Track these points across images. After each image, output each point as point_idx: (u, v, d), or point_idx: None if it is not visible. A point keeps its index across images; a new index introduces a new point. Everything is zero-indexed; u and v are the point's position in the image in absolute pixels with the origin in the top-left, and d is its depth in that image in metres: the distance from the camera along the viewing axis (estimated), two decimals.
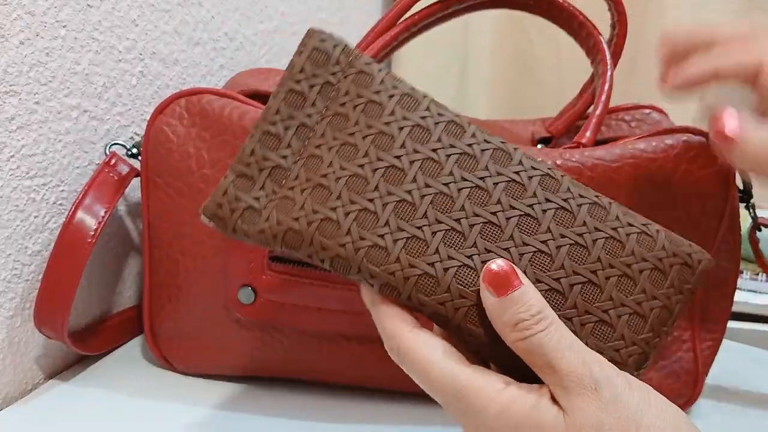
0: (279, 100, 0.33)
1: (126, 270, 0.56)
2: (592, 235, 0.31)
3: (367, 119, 0.32)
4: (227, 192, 0.32)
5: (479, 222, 0.30)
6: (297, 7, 0.80)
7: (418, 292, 0.29)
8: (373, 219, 0.30)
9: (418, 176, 0.31)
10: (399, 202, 0.30)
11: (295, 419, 0.45)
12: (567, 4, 0.53)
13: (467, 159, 0.31)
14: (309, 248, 0.30)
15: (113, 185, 0.47)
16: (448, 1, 0.53)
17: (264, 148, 0.32)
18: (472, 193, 0.31)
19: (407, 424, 0.45)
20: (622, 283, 0.30)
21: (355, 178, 0.31)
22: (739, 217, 0.46)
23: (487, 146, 0.32)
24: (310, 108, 0.33)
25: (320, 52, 0.33)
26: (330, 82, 0.33)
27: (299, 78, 0.33)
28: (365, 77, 0.33)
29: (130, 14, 0.52)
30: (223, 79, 0.65)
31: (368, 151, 0.31)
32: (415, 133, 0.32)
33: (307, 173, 0.32)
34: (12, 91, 0.42)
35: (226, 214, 0.32)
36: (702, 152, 0.44)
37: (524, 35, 1.06)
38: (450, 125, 0.32)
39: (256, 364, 0.48)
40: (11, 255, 0.44)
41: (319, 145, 0.32)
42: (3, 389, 0.45)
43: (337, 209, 0.30)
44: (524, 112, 1.07)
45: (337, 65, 0.33)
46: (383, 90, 0.32)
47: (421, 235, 0.30)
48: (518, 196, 0.31)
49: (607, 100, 0.49)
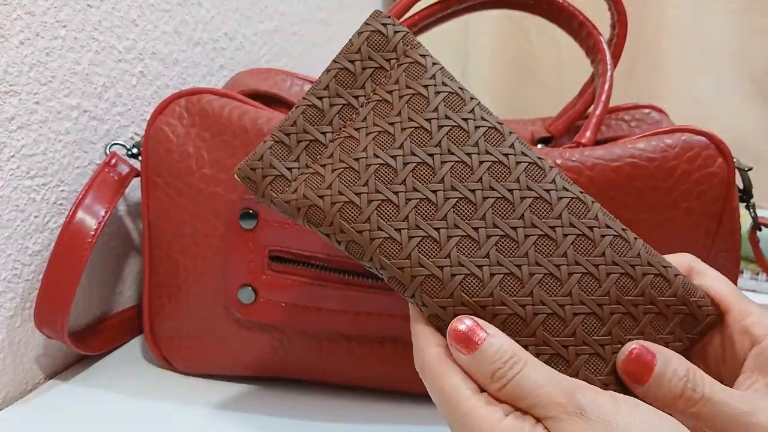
0: (330, 76, 0.33)
1: (126, 270, 0.56)
2: (608, 268, 0.30)
3: (410, 112, 0.32)
4: (263, 157, 0.32)
5: (497, 234, 0.30)
6: (297, 7, 0.80)
7: (422, 292, 0.30)
8: (394, 211, 0.30)
9: (446, 177, 0.31)
10: (422, 200, 0.31)
11: (295, 419, 0.45)
12: (567, 4, 0.53)
13: (500, 168, 0.31)
14: (328, 228, 0.31)
15: (113, 185, 0.47)
16: (447, 2, 0.53)
17: (306, 121, 0.33)
18: (496, 204, 0.31)
19: (407, 424, 0.45)
20: (624, 321, 0.30)
21: (385, 167, 0.31)
22: (739, 217, 0.46)
23: (523, 159, 0.32)
24: (359, 90, 0.33)
25: (380, 35, 0.34)
26: (383, 67, 0.33)
27: (354, 58, 0.33)
28: (418, 68, 0.33)
29: (130, 14, 0.52)
30: (223, 79, 0.65)
31: (404, 143, 0.31)
32: (454, 133, 0.32)
33: (342, 153, 0.32)
34: (12, 91, 0.42)
35: (258, 179, 0.32)
36: (701, 152, 0.44)
37: (524, 35, 1.06)
38: (490, 131, 0.32)
39: (256, 364, 0.48)
40: (11, 255, 0.44)
41: (359, 128, 0.32)
42: (3, 389, 0.45)
43: (362, 195, 0.31)
44: (524, 112, 1.07)
45: (394, 52, 0.33)
46: (432, 85, 0.33)
47: (436, 236, 0.30)
48: (543, 215, 0.31)
49: (607, 100, 0.49)
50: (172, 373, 0.50)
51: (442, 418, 0.30)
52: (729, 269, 0.48)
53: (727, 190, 0.45)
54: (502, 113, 1.18)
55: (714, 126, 0.47)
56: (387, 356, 0.45)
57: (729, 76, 0.94)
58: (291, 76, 0.56)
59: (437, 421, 0.44)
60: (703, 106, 0.94)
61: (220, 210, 0.45)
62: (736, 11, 0.93)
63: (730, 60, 0.94)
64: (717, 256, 0.46)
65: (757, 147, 0.94)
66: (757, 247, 0.49)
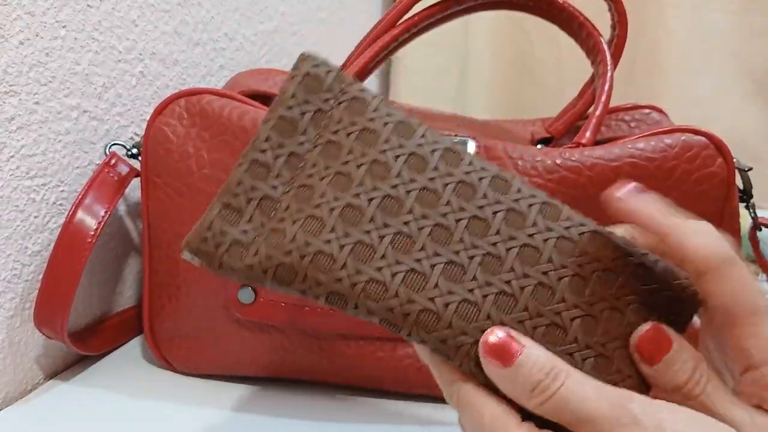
0: (269, 127, 0.31)
1: (126, 270, 0.56)
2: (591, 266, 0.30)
3: (362, 147, 0.31)
4: (212, 225, 0.30)
5: (479, 254, 0.29)
6: (297, 7, 0.80)
7: (419, 329, 0.28)
8: (369, 252, 0.29)
9: (415, 207, 0.30)
10: (396, 235, 0.29)
11: (295, 419, 0.45)
12: (567, 4, 0.53)
13: (465, 188, 0.30)
14: (302, 284, 0.29)
15: (113, 185, 0.47)
16: (447, 3, 0.53)
17: (252, 178, 0.31)
18: (471, 223, 0.30)
19: (407, 424, 0.45)
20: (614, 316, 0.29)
21: (349, 208, 0.29)
22: (739, 217, 0.46)
23: (485, 174, 0.31)
24: (302, 136, 0.31)
25: (313, 77, 0.32)
26: (322, 110, 0.32)
27: (291, 104, 0.32)
28: (359, 104, 0.32)
29: (130, 14, 0.52)
30: (223, 79, 0.65)
31: (363, 180, 0.30)
32: (412, 161, 0.30)
33: (299, 204, 0.30)
34: (12, 92, 0.42)
35: (210, 249, 0.30)
36: (701, 152, 0.44)
37: (524, 36, 1.06)
38: (446, 152, 0.31)
39: (256, 365, 0.48)
40: (11, 255, 0.44)
41: (311, 175, 0.31)
42: (3, 389, 0.45)
43: (332, 242, 0.29)
44: (524, 112, 1.07)
45: (330, 92, 0.32)
46: (377, 117, 0.31)
47: (420, 268, 0.29)
48: (519, 226, 0.30)
49: (607, 100, 0.49)
50: (172, 373, 0.50)
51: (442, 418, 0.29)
52: None
53: (727, 190, 0.45)
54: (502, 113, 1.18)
55: (714, 126, 0.47)
56: (386, 356, 0.45)
57: (729, 76, 0.94)
58: None
59: (437, 421, 0.44)
60: (703, 106, 0.94)
61: None
62: (736, 11, 0.93)
63: (730, 60, 0.94)
64: None
65: (757, 147, 0.94)
66: (757, 247, 0.49)
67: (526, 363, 0.26)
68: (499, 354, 0.27)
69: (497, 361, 0.27)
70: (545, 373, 0.26)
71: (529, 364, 0.26)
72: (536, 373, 0.26)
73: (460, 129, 0.50)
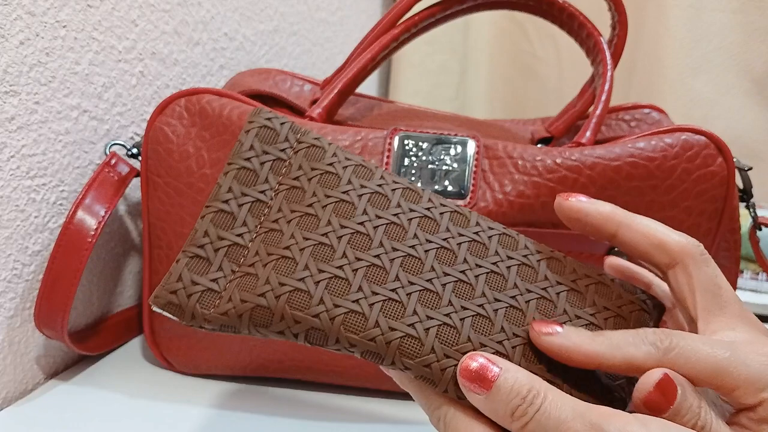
0: (230, 177, 0.32)
1: (126, 270, 0.56)
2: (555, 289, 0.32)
3: (324, 189, 0.32)
4: (182, 276, 0.30)
5: (451, 281, 0.30)
6: (297, 7, 0.80)
7: (402, 356, 0.28)
8: (344, 285, 0.29)
9: (384, 240, 0.31)
10: (369, 267, 0.30)
11: (294, 419, 0.45)
12: (567, 4, 0.53)
13: (428, 222, 0.32)
14: (280, 323, 0.29)
15: (113, 185, 0.47)
16: (448, 3, 0.53)
17: (218, 228, 0.31)
18: (439, 254, 0.31)
19: (407, 424, 0.45)
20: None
21: (320, 246, 0.30)
22: (739, 217, 0.46)
23: (444, 209, 0.32)
24: (263, 184, 0.32)
25: (267, 129, 0.33)
26: (280, 158, 0.33)
27: (249, 155, 0.32)
28: (317, 151, 0.33)
29: (130, 14, 0.52)
30: (223, 79, 0.65)
31: (330, 219, 0.31)
32: (375, 200, 0.32)
33: (268, 248, 0.30)
34: (12, 91, 0.42)
35: (182, 301, 0.29)
36: (701, 151, 0.44)
37: (524, 35, 1.06)
38: (406, 191, 0.32)
39: (255, 364, 0.48)
40: (11, 255, 0.44)
41: (277, 220, 0.31)
42: (3, 389, 0.45)
43: (306, 279, 0.29)
44: (524, 112, 1.08)
45: (286, 141, 0.33)
46: (336, 162, 0.32)
47: (396, 297, 0.29)
48: (482, 255, 0.31)
49: (608, 100, 0.49)
50: (172, 373, 0.50)
51: None
52: (729, 269, 0.48)
53: (727, 190, 0.45)
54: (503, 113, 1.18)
55: (714, 126, 0.47)
56: None
57: (729, 76, 0.94)
58: (291, 77, 0.56)
59: None
60: (703, 106, 0.94)
61: None
62: (736, 11, 0.93)
63: (730, 60, 0.94)
64: (717, 255, 0.46)
65: (757, 147, 0.94)
66: (757, 246, 0.49)
67: (504, 387, 0.27)
68: (477, 380, 0.27)
69: (476, 386, 0.27)
70: (522, 397, 0.26)
71: (507, 388, 0.27)
72: (513, 398, 0.27)
73: (460, 129, 0.50)
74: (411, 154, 0.45)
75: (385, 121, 0.53)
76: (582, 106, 0.54)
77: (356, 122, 0.54)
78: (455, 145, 0.45)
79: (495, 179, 0.45)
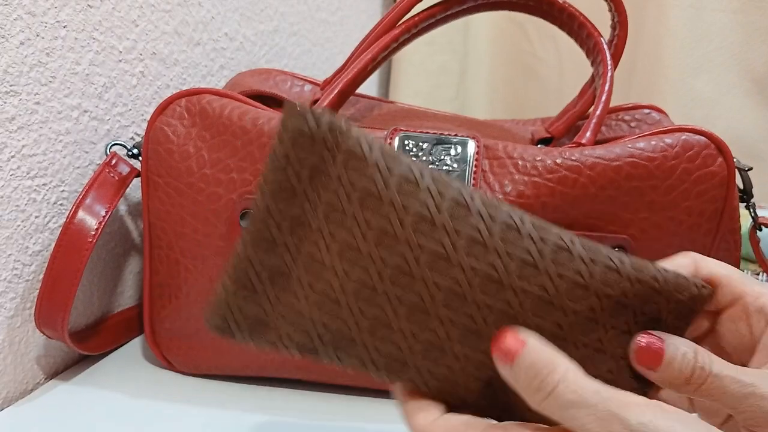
0: (267, 196, 0.30)
1: (126, 270, 0.56)
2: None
3: (365, 213, 0.29)
4: (230, 304, 0.30)
5: (492, 315, 0.29)
6: (297, 7, 0.80)
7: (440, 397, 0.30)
8: (387, 331, 0.30)
9: (426, 275, 0.29)
10: (411, 308, 0.29)
11: (295, 419, 0.45)
12: (567, 4, 0.53)
13: (476, 246, 0.29)
14: (325, 356, 0.30)
15: (114, 185, 0.47)
16: (448, 3, 0.53)
17: (259, 252, 0.30)
18: (482, 284, 0.29)
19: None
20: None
21: (361, 285, 0.29)
22: (739, 217, 0.46)
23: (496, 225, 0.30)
24: (302, 199, 0.30)
25: (304, 132, 0.29)
26: (318, 167, 0.30)
27: (284, 166, 0.30)
28: (356, 161, 0.29)
29: (130, 15, 0.52)
30: (223, 79, 0.65)
31: (371, 253, 0.29)
32: (419, 226, 0.29)
33: (309, 277, 0.30)
34: (12, 92, 0.42)
35: (234, 330, 0.30)
36: (701, 151, 0.44)
37: (524, 35, 1.06)
38: (456, 208, 0.29)
39: (255, 364, 0.48)
40: (12, 255, 0.44)
41: (317, 242, 0.30)
42: (3, 389, 0.45)
43: (348, 320, 0.30)
44: (524, 112, 1.08)
45: (324, 144, 0.30)
46: (377, 175, 0.29)
47: (435, 340, 0.29)
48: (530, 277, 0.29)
49: (608, 100, 0.49)
50: (172, 373, 0.50)
51: None
52: None
53: (727, 190, 0.45)
54: (502, 113, 1.18)
55: (714, 125, 0.47)
56: None
57: (729, 76, 0.94)
58: (291, 77, 0.56)
59: None
60: (704, 106, 0.94)
61: (220, 210, 0.45)
62: (736, 11, 0.93)
63: (730, 60, 0.94)
64: (717, 255, 0.46)
65: (757, 147, 0.94)
66: (757, 247, 0.49)
67: (523, 361, 0.27)
68: (504, 351, 0.28)
69: (502, 357, 0.28)
70: (539, 371, 0.27)
71: (526, 362, 0.27)
72: (532, 371, 0.27)
73: (460, 129, 0.50)
74: (411, 154, 0.45)
75: (385, 121, 0.53)
76: (582, 107, 0.54)
77: (356, 122, 0.54)
78: (455, 146, 0.45)
79: (495, 179, 0.45)
